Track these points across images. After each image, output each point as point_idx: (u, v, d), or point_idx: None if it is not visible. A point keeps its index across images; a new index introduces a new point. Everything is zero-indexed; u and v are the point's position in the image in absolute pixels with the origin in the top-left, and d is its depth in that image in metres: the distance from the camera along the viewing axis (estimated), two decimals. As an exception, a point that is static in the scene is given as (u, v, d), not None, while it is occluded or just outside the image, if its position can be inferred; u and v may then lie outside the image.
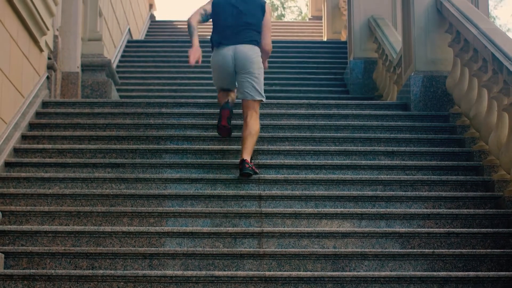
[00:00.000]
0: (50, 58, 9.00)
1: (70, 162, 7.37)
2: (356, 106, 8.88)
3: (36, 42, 8.28)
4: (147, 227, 6.37)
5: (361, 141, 7.95)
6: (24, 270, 5.67)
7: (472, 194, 6.95)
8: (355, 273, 5.73)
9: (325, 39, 16.40)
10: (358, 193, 6.91)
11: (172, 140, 7.88)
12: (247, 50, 7.42)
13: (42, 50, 8.59)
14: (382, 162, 7.51)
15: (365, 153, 7.70)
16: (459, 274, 5.69)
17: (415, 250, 6.09)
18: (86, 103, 8.74)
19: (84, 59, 10.35)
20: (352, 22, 11.67)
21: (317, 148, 7.73)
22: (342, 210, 6.66)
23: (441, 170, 7.43)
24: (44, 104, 8.62)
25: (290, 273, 5.67)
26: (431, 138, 8.00)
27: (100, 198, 6.80)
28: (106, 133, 7.95)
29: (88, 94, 10.24)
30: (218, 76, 7.65)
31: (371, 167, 7.43)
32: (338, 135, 7.99)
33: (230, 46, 7.44)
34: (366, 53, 11.56)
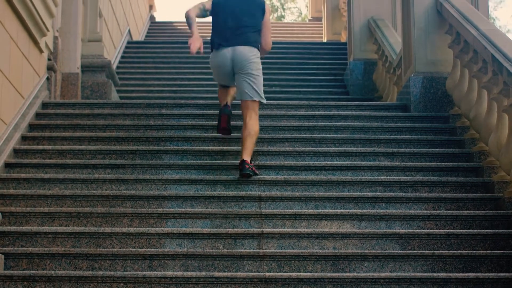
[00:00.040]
0: (50, 59, 9.00)
1: (70, 163, 7.36)
2: (356, 107, 8.89)
3: (36, 43, 8.28)
4: (147, 228, 6.37)
5: (361, 142, 7.95)
6: (24, 271, 5.68)
7: (472, 195, 6.95)
8: (355, 274, 5.73)
9: (325, 40, 16.40)
10: (358, 194, 6.91)
11: (172, 141, 7.87)
12: (246, 51, 7.42)
13: (42, 51, 8.59)
14: (382, 163, 7.51)
15: (365, 154, 7.69)
16: (459, 275, 5.69)
17: (415, 251, 6.08)
18: (86, 104, 8.74)
19: (84, 60, 10.34)
20: (352, 23, 11.67)
21: (317, 149, 7.73)
22: (342, 211, 6.66)
23: (441, 171, 7.43)
24: (44, 105, 8.62)
25: (290, 274, 5.67)
26: (431, 139, 8.00)
27: (100, 199, 6.80)
28: (106, 134, 7.95)
29: (88, 95, 10.24)
30: (218, 75, 7.70)
31: (371, 168, 7.43)
32: (338, 136, 7.99)
33: (229, 47, 7.45)
34: (366, 54, 11.55)
